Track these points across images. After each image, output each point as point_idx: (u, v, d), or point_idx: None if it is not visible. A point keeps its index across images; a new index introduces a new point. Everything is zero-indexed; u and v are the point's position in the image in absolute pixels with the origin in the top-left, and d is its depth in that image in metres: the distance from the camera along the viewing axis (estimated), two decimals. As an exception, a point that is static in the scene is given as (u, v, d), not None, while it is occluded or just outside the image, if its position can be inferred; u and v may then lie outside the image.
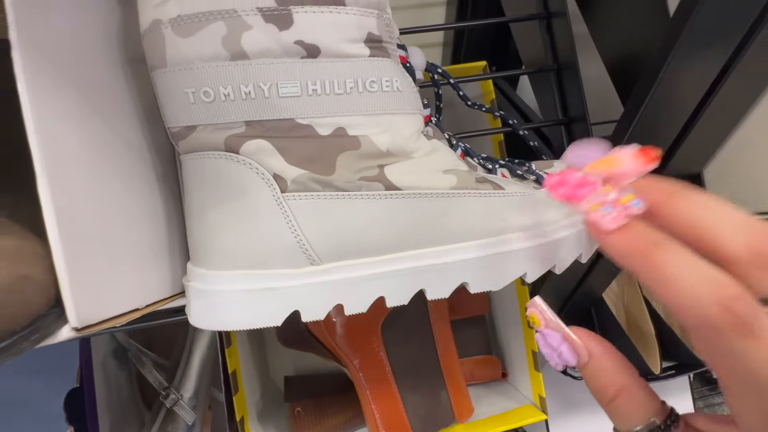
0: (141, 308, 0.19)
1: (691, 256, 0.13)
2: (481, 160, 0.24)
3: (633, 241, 0.14)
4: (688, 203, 0.14)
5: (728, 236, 0.13)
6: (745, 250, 0.13)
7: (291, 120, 0.19)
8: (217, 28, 0.18)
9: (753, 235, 0.13)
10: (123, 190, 0.19)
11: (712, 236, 0.13)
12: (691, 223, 0.14)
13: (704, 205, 0.14)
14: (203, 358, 0.44)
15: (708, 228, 0.13)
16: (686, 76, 0.27)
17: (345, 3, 0.18)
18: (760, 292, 0.13)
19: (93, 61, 0.18)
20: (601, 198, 0.14)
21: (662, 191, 0.14)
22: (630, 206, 0.14)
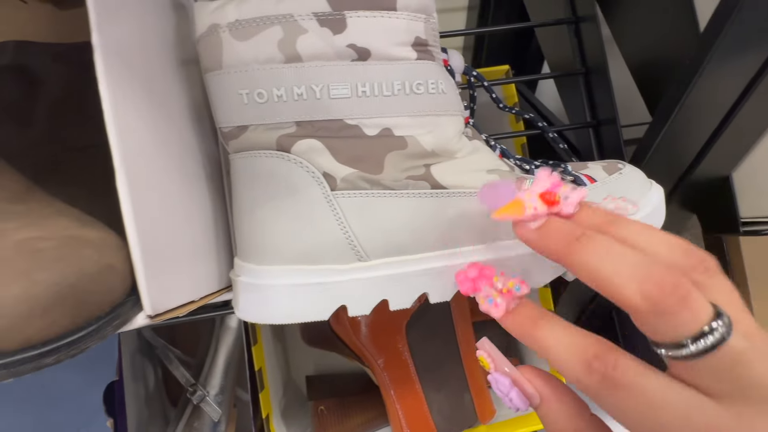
0: (196, 300, 0.19)
1: (562, 328, 0.15)
2: (518, 161, 0.25)
3: (517, 323, 0.16)
4: (583, 255, 0.14)
5: (623, 286, 0.13)
6: (640, 300, 0.13)
7: (340, 120, 0.20)
8: (274, 32, 0.19)
9: (645, 281, 0.13)
10: (182, 186, 0.20)
11: (609, 289, 0.13)
12: (590, 276, 0.14)
13: (599, 255, 0.14)
14: (229, 356, 0.45)
15: (604, 280, 0.14)
16: (719, 82, 0.27)
17: (396, 8, 0.19)
18: (662, 339, 0.13)
19: (155, 62, 0.19)
20: (489, 291, 0.16)
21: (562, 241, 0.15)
22: (513, 291, 0.16)
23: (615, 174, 0.24)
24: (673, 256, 0.14)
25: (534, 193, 0.16)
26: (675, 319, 0.13)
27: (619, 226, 0.15)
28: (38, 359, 0.11)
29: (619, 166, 0.25)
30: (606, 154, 0.33)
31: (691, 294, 0.13)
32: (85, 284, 0.12)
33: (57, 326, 0.11)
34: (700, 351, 0.12)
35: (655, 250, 0.14)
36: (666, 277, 0.13)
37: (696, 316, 0.13)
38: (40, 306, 0.11)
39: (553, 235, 0.15)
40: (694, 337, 0.13)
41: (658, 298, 0.13)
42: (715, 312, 0.13)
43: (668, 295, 0.13)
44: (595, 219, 0.15)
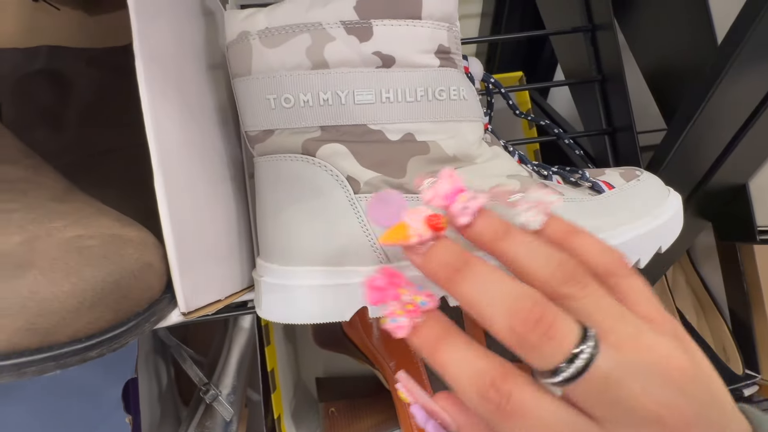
0: (222, 299, 0.20)
1: (462, 351, 0.14)
2: (535, 167, 0.25)
3: (419, 343, 0.15)
4: (463, 286, 0.14)
5: (492, 322, 0.14)
6: (508, 335, 0.13)
7: (364, 126, 0.20)
8: (303, 40, 0.19)
9: (511, 316, 0.13)
10: (208, 188, 0.20)
11: (483, 324, 0.14)
12: (468, 309, 0.14)
13: (475, 287, 0.14)
14: (241, 356, 0.45)
15: (479, 314, 0.14)
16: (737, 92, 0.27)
17: (421, 16, 0.19)
18: (538, 368, 0.13)
19: (186, 67, 0.20)
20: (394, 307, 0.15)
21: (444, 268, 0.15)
22: (419, 306, 0.15)
23: (633, 181, 0.24)
24: (546, 271, 0.14)
25: (419, 217, 0.15)
26: (541, 352, 0.13)
27: (507, 241, 0.15)
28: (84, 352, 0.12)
29: (637, 173, 0.26)
30: (621, 161, 0.33)
31: (554, 324, 0.13)
32: (127, 281, 0.13)
33: (102, 321, 0.12)
34: (569, 378, 0.13)
35: (531, 269, 0.14)
36: (530, 311, 0.13)
37: (560, 345, 0.13)
38: (88, 301, 0.12)
39: (435, 265, 0.15)
40: (563, 364, 0.13)
41: (522, 333, 0.13)
42: (581, 335, 0.13)
43: (531, 330, 0.13)
44: (487, 232, 0.16)
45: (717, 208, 0.35)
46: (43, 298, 0.11)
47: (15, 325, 0.10)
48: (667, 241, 0.23)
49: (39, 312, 0.11)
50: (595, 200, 0.23)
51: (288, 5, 0.20)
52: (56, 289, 0.11)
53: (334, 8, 0.19)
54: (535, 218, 0.16)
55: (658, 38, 0.34)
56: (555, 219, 0.17)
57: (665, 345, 0.14)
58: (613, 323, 0.14)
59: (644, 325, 0.14)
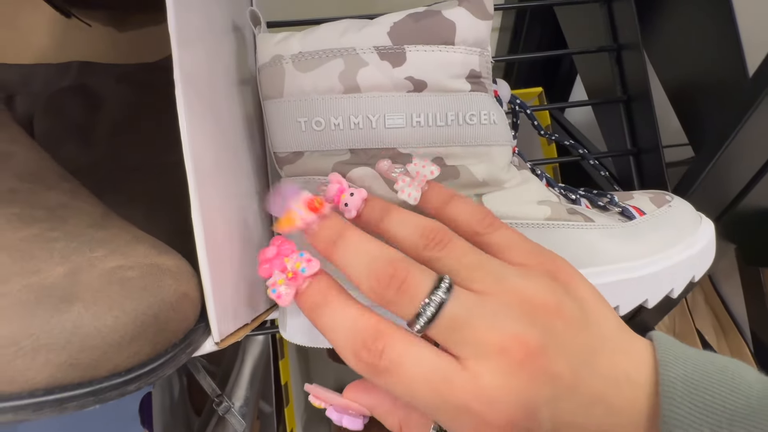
0: (250, 323, 0.20)
1: (341, 312, 0.15)
2: (562, 191, 0.25)
3: (303, 308, 0.16)
4: (338, 254, 0.16)
5: (359, 283, 0.15)
6: (371, 294, 0.15)
7: (394, 149, 0.20)
8: (336, 65, 0.19)
9: (370, 277, 0.15)
10: (238, 208, 0.20)
11: (355, 285, 0.16)
12: (344, 274, 0.16)
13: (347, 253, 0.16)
14: (254, 367, 0.45)
15: (350, 277, 0.16)
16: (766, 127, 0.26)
17: (454, 42, 0.19)
18: (401, 317, 0.15)
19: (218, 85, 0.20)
20: (277, 278, 0.16)
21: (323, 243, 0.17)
22: (298, 273, 0.16)
23: (664, 207, 0.24)
24: (411, 239, 0.16)
25: (301, 202, 0.17)
26: (398, 305, 0.15)
27: (386, 220, 0.17)
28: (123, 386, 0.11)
29: (667, 198, 0.25)
30: (647, 182, 0.33)
31: (406, 279, 0.15)
32: (166, 313, 0.13)
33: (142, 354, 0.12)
34: (424, 324, 0.14)
35: (400, 238, 0.17)
36: (384, 269, 0.15)
37: (413, 297, 0.14)
38: (129, 335, 0.11)
39: (317, 239, 0.17)
40: (419, 313, 0.14)
41: (379, 290, 0.15)
42: (434, 285, 0.14)
43: (386, 286, 0.15)
44: (373, 216, 0.18)
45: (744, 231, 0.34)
46: (87, 333, 0.11)
47: (59, 360, 0.10)
48: (700, 271, 0.23)
49: (82, 347, 0.11)
50: (626, 227, 0.22)
51: (322, 30, 0.20)
52: (99, 323, 0.11)
53: (368, 34, 0.19)
54: (412, 193, 0.19)
55: (683, 56, 0.33)
56: (433, 190, 0.19)
57: (530, 285, 0.15)
58: (473, 273, 0.15)
59: (509, 270, 0.15)
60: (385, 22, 0.19)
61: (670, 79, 0.35)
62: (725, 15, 0.29)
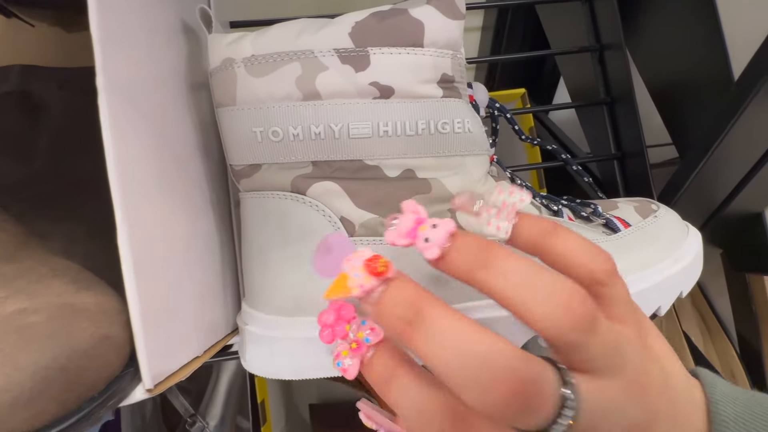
0: (200, 355, 0.18)
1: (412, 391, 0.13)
2: (544, 200, 0.23)
3: (371, 380, 0.14)
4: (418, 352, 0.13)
5: (462, 392, 0.12)
6: (480, 407, 0.12)
7: (359, 161, 0.18)
8: (292, 69, 0.17)
9: (483, 388, 0.12)
10: (188, 229, 0.18)
11: (452, 389, 0.12)
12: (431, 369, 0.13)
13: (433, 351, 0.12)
14: (230, 384, 0.43)
15: (445, 381, 0.12)
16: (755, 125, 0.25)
17: (423, 44, 0.18)
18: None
19: (161, 95, 0.18)
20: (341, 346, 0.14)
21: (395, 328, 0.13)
22: (362, 343, 0.14)
23: (649, 217, 0.23)
24: (549, 312, 0.12)
25: (357, 264, 0.13)
26: (520, 421, 0.12)
27: (495, 270, 0.13)
28: (21, 455, 0.10)
29: (653, 207, 0.24)
30: (631, 187, 0.31)
31: (532, 398, 0.12)
32: (78, 362, 0.11)
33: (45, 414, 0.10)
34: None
35: (525, 304, 0.12)
36: (504, 381, 0.12)
37: (541, 410, 0.12)
38: (26, 395, 0.10)
39: (386, 319, 0.13)
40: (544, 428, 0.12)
41: (496, 408, 0.12)
42: (560, 386, 0.12)
43: (506, 405, 0.12)
44: (465, 263, 0.13)
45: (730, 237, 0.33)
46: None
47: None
48: (688, 285, 0.22)
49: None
50: (610, 241, 0.21)
51: (276, 31, 0.18)
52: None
53: (328, 35, 0.17)
54: (502, 226, 0.14)
55: (667, 57, 0.32)
56: (526, 220, 0.15)
57: (643, 369, 0.13)
58: (611, 360, 0.13)
59: (631, 351, 0.13)
60: (346, 21, 0.18)
61: (654, 80, 0.34)
62: (709, 14, 0.28)
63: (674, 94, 0.32)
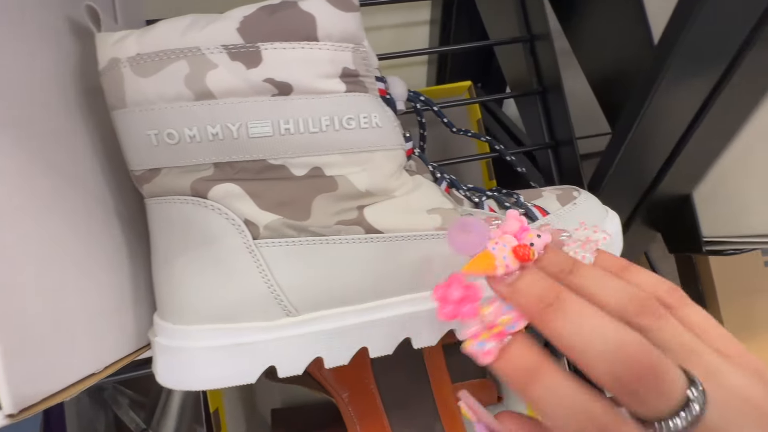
0: (98, 372, 0.17)
1: (561, 387, 0.13)
2: (468, 192, 0.23)
3: (509, 373, 0.14)
4: (557, 322, 0.14)
5: (593, 366, 0.13)
6: (610, 381, 0.13)
7: (263, 161, 0.18)
8: (179, 67, 0.17)
9: (615, 362, 0.13)
10: (79, 244, 0.17)
11: (580, 364, 0.13)
12: (563, 348, 0.14)
13: (570, 325, 0.13)
14: (183, 396, 0.42)
15: (576, 355, 0.13)
16: (674, 100, 0.26)
17: (318, 38, 0.17)
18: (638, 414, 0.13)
19: (42, 102, 0.17)
20: (477, 327, 0.14)
21: (535, 302, 0.14)
22: (505, 330, 0.14)
23: (569, 205, 0.23)
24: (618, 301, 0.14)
25: (507, 248, 0.15)
26: (647, 402, 0.12)
27: (578, 276, 0.15)
28: None
29: (574, 194, 0.24)
30: (565, 175, 0.32)
31: (662, 375, 0.12)
32: None
33: None
34: (683, 426, 0.12)
35: (603, 301, 0.14)
36: (639, 357, 0.12)
37: (669, 398, 0.12)
38: None
39: (524, 297, 0.14)
40: (667, 416, 0.12)
41: (628, 382, 0.12)
42: (687, 386, 0.12)
43: (638, 379, 0.12)
44: (556, 266, 0.15)
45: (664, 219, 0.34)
46: None
47: None
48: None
49: None
50: (526, 230, 0.21)
51: (161, 28, 0.17)
52: None
53: (215, 30, 0.17)
54: (586, 256, 0.16)
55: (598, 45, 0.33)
56: (605, 255, 0.17)
57: (747, 385, 0.13)
58: (690, 356, 0.13)
59: (723, 363, 0.13)
60: (234, 16, 0.17)
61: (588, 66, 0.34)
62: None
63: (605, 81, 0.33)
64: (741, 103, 0.28)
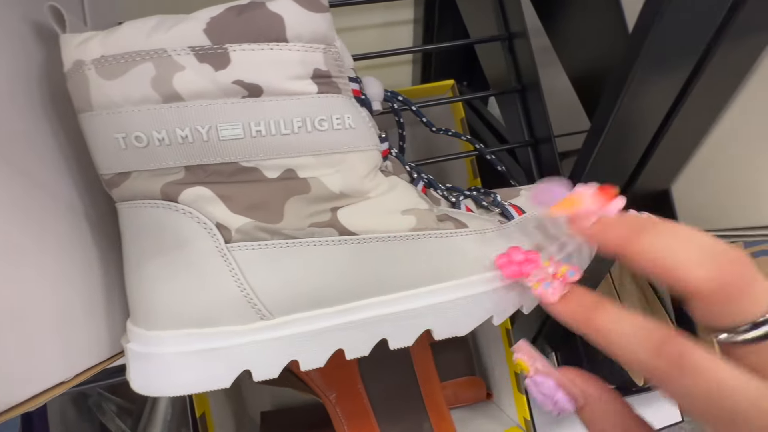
0: (68, 380, 0.17)
1: (622, 315, 0.15)
2: (445, 192, 0.23)
3: (573, 310, 0.16)
4: (650, 239, 0.15)
5: (690, 269, 0.14)
6: (707, 283, 0.13)
7: (235, 164, 0.18)
8: (145, 69, 0.16)
9: (713, 267, 0.14)
10: (46, 249, 0.17)
11: (675, 272, 0.14)
12: (656, 261, 0.14)
13: (665, 240, 0.14)
14: (169, 402, 0.41)
15: (671, 263, 0.14)
16: (648, 94, 0.26)
17: (287, 39, 0.17)
18: (722, 323, 0.14)
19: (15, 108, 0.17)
20: (542, 274, 0.17)
21: (626, 230, 0.15)
22: (567, 276, 0.16)
23: (544, 203, 0.23)
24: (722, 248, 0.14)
25: (590, 190, 0.16)
26: (737, 305, 0.13)
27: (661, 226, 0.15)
28: None
29: (551, 192, 0.24)
30: (545, 172, 0.32)
31: (755, 281, 0.13)
32: None
33: None
34: (760, 336, 0.13)
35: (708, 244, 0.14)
36: (733, 263, 0.13)
37: (757, 302, 0.13)
38: None
39: (616, 227, 0.15)
40: (753, 323, 0.13)
41: (724, 281, 0.13)
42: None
43: (734, 280, 0.13)
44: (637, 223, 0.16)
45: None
46: None
47: None
48: (583, 263, 0.22)
49: None
50: (500, 230, 0.21)
51: (125, 29, 0.17)
52: None
53: (181, 32, 0.16)
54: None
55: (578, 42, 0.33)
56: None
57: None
58: None
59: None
60: (201, 17, 0.17)
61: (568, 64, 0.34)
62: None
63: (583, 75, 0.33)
64: (715, 97, 0.28)
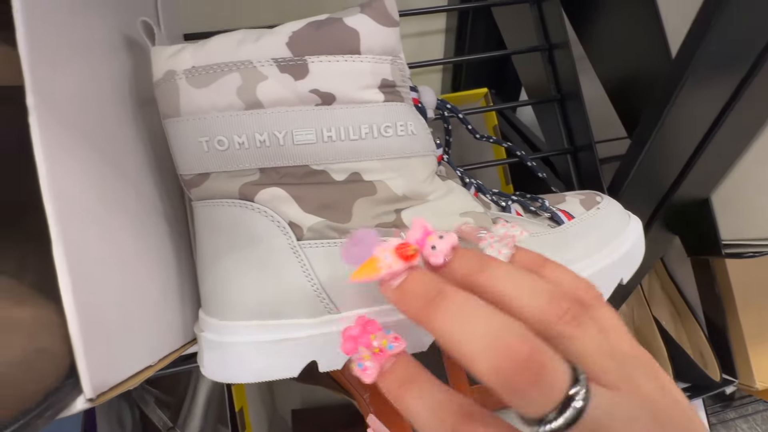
0: (153, 364, 0.18)
1: (427, 396, 0.14)
2: (494, 197, 0.24)
3: (385, 387, 0.15)
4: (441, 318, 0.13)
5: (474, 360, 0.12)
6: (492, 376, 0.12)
7: (306, 166, 0.19)
8: (232, 79, 0.18)
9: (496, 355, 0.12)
10: (135, 240, 0.18)
11: (463, 361, 0.13)
12: (445, 345, 0.13)
13: (453, 319, 0.13)
14: (208, 395, 0.43)
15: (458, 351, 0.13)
16: (694, 106, 0.27)
17: (360, 51, 0.18)
18: (530, 414, 0.12)
19: (104, 110, 0.18)
20: (363, 353, 0.15)
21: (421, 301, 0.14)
22: (386, 350, 0.15)
23: (593, 209, 0.24)
24: (538, 306, 0.13)
25: (388, 248, 0.15)
26: (529, 397, 0.12)
27: (489, 273, 0.14)
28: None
29: (597, 199, 0.25)
30: (585, 180, 0.33)
31: (545, 367, 0.12)
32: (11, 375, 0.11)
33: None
34: (557, 429, 0.12)
35: (518, 300, 0.14)
36: (518, 349, 0.12)
37: (551, 392, 0.12)
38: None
39: (409, 296, 0.14)
40: (557, 410, 0.12)
41: (509, 375, 0.12)
42: (572, 379, 0.12)
43: (519, 372, 0.12)
44: (465, 267, 0.15)
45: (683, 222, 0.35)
46: None
47: None
48: (628, 272, 0.23)
49: None
50: (552, 234, 0.22)
51: (215, 42, 0.18)
52: None
53: (265, 45, 0.18)
54: (503, 251, 0.16)
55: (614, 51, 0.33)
56: (522, 251, 0.16)
57: (651, 387, 0.13)
58: (606, 362, 0.13)
59: (633, 364, 0.13)
60: (284, 32, 0.18)
61: (604, 72, 0.35)
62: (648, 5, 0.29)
63: (622, 86, 0.34)
64: (760, 106, 0.28)
